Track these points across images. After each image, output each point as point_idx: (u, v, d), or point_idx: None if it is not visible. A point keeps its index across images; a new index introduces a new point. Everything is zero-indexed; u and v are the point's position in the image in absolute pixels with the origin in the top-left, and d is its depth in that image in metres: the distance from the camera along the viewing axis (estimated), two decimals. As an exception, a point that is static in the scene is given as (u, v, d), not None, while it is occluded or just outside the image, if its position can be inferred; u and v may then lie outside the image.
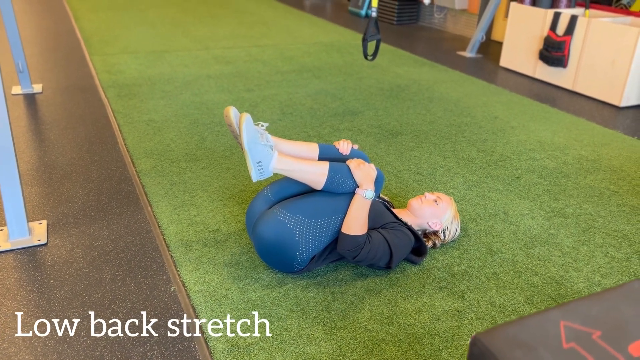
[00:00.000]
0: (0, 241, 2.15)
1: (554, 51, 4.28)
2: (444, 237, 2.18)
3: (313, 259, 1.96)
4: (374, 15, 3.37)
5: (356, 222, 1.89)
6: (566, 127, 3.51)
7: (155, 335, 1.72)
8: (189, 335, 1.73)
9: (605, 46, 3.96)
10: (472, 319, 1.81)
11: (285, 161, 1.90)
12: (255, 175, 1.87)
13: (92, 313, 1.80)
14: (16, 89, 3.88)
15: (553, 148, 3.18)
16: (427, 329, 1.76)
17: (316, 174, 1.91)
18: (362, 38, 3.39)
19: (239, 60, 4.87)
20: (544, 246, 2.23)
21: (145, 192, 2.56)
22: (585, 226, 2.38)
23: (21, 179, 2.19)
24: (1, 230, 2.23)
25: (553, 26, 4.30)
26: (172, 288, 1.94)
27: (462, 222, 2.38)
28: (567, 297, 1.95)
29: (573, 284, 2.00)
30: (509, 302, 1.90)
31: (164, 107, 3.65)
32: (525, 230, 2.34)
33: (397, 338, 1.72)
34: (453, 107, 3.82)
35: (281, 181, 2.06)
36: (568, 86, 4.31)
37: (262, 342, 1.69)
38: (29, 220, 2.32)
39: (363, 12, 7.14)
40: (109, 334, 1.71)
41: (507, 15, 5.49)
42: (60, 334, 1.71)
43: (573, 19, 4.15)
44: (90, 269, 2.02)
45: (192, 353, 1.65)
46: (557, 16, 4.27)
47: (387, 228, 2.00)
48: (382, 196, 2.31)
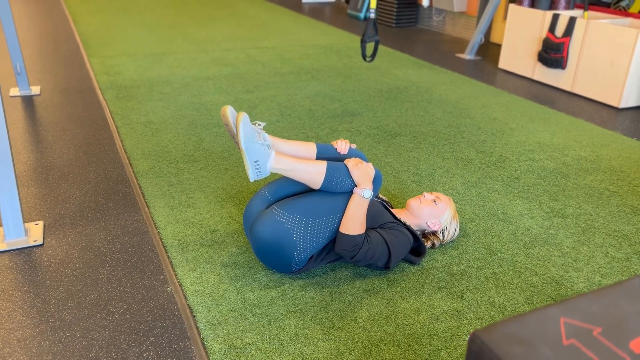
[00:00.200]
0: (-4, 242, 2.14)
1: (553, 53, 4.28)
2: (443, 238, 2.16)
3: (311, 259, 1.95)
4: (373, 16, 3.37)
5: (354, 222, 1.88)
6: (565, 128, 3.50)
7: (151, 335, 1.70)
8: (185, 335, 1.71)
9: (604, 47, 3.95)
10: (472, 319, 1.79)
11: (282, 160, 1.89)
12: (252, 174, 1.86)
13: (88, 313, 1.78)
14: (14, 91, 3.87)
15: (552, 149, 3.17)
16: (426, 329, 1.75)
17: (314, 173, 1.90)
18: (361, 39, 3.39)
19: (238, 62, 4.86)
20: (544, 246, 2.21)
21: (142, 193, 2.54)
22: (585, 226, 2.36)
23: (17, 180, 2.18)
24: (-3, 231, 2.21)
25: (552, 28, 4.30)
26: (169, 288, 1.92)
27: (461, 223, 2.36)
28: (567, 297, 1.93)
29: (573, 284, 1.99)
30: (509, 302, 1.88)
31: (162, 109, 3.64)
32: (524, 230, 2.32)
33: (396, 338, 1.71)
34: (452, 109, 3.81)
35: (279, 181, 2.04)
36: (567, 88, 4.31)
37: (260, 343, 1.67)
38: (25, 221, 2.31)
39: (362, 15, 7.14)
40: (105, 335, 1.70)
41: (506, 17, 5.49)
42: (55, 335, 1.69)
43: (572, 21, 4.15)
44: (86, 270, 2.01)
45: (189, 354, 1.64)
46: (556, 18, 4.27)
47: (386, 228, 1.99)
48: (381, 196, 2.30)
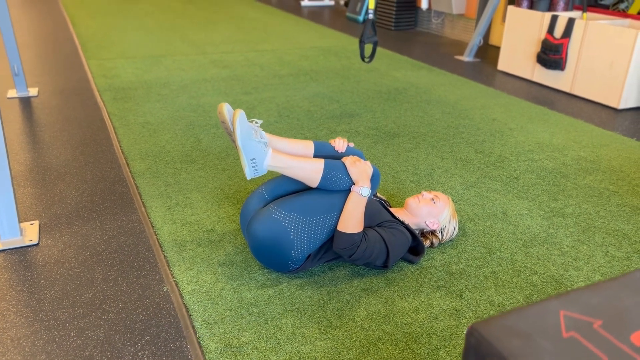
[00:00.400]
0: (-9, 241, 2.13)
1: (552, 54, 4.27)
2: (442, 237, 2.15)
3: (309, 258, 1.93)
4: (371, 17, 3.37)
5: (352, 220, 1.86)
6: (565, 129, 3.49)
7: (146, 335, 1.68)
8: (181, 334, 1.69)
9: (603, 48, 3.95)
10: (471, 318, 1.77)
11: (280, 158, 1.87)
12: (249, 172, 1.84)
13: (83, 313, 1.76)
14: (12, 93, 3.86)
15: (552, 149, 3.16)
16: (425, 328, 1.73)
17: (311, 171, 1.88)
18: (359, 40, 3.38)
19: (237, 64, 4.85)
20: (543, 245, 2.19)
21: (139, 193, 2.53)
22: (584, 226, 2.35)
23: (13, 180, 2.16)
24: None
25: (550, 29, 4.29)
26: (165, 288, 1.90)
27: (460, 222, 2.35)
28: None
29: (573, 283, 1.97)
30: (508, 301, 1.86)
31: (160, 110, 3.62)
32: (524, 229, 2.30)
33: (394, 337, 1.69)
34: (451, 110, 3.80)
35: (276, 179, 2.03)
36: (566, 89, 4.30)
37: (256, 342, 1.65)
38: (21, 220, 2.29)
39: (361, 18, 7.14)
40: (100, 334, 1.68)
41: (505, 19, 5.49)
42: (49, 334, 1.67)
43: (570, 22, 4.14)
44: (81, 269, 1.99)
45: (184, 353, 1.62)
46: (555, 19, 4.26)
47: (384, 227, 1.97)
48: (379, 195, 2.28)
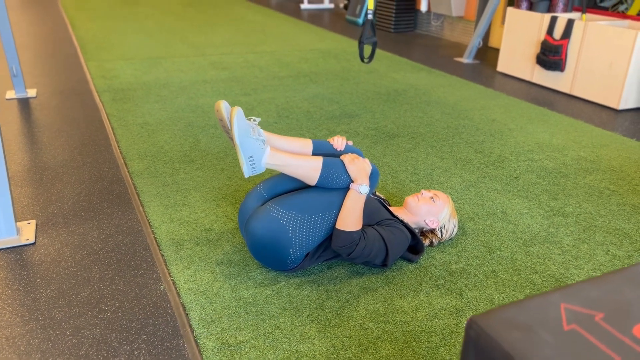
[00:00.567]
0: (-13, 241, 2.11)
1: (551, 55, 4.26)
2: (441, 236, 2.13)
3: (307, 257, 1.91)
4: (370, 17, 3.36)
5: (351, 218, 1.85)
6: (564, 129, 3.48)
7: (143, 333, 1.66)
8: (178, 333, 1.67)
9: (602, 49, 3.94)
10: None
11: (278, 156, 1.86)
12: (247, 170, 1.83)
13: (79, 311, 1.75)
14: (10, 94, 3.85)
15: (551, 149, 3.15)
16: (424, 327, 1.71)
17: (310, 169, 1.87)
18: (359, 41, 3.37)
19: (236, 66, 4.85)
20: (544, 244, 2.18)
21: (137, 193, 2.51)
22: (585, 225, 2.33)
23: (10, 179, 2.15)
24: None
25: (550, 30, 4.29)
26: (162, 286, 1.88)
27: (460, 221, 2.33)
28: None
29: (574, 282, 1.94)
30: (508, 300, 1.84)
31: (159, 111, 3.61)
32: (524, 228, 2.29)
33: (393, 336, 1.67)
34: (450, 110, 3.79)
35: (274, 178, 2.01)
36: (566, 90, 4.29)
37: (254, 340, 1.63)
38: (18, 220, 2.27)
39: (360, 21, 7.13)
40: (95, 333, 1.66)
41: (504, 21, 5.48)
42: (44, 333, 1.65)
43: (570, 23, 4.14)
44: (78, 268, 1.97)
45: (181, 351, 1.60)
46: (554, 20, 4.26)
47: (383, 225, 1.96)
48: (378, 194, 2.26)
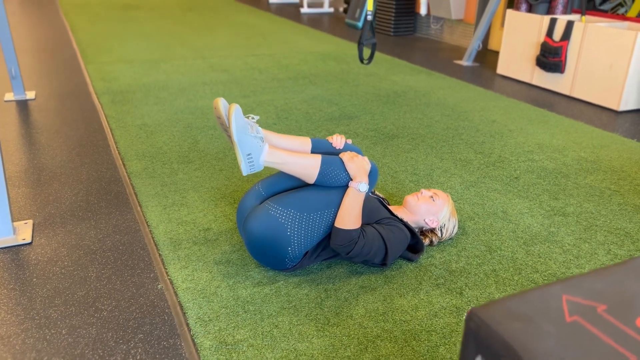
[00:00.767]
0: (-17, 240, 2.09)
1: (551, 57, 4.26)
2: (441, 235, 2.11)
3: (306, 255, 1.90)
4: (370, 18, 3.35)
5: (350, 216, 1.83)
6: (565, 130, 3.47)
7: (139, 332, 1.65)
8: (175, 332, 1.65)
9: (602, 50, 3.93)
10: (471, 316, 1.74)
11: (276, 154, 1.84)
12: (245, 168, 1.81)
13: (75, 311, 1.73)
14: (9, 96, 3.84)
15: (552, 150, 3.13)
16: (424, 326, 1.69)
17: (308, 167, 1.85)
18: (358, 42, 3.37)
19: (235, 68, 4.84)
20: (545, 244, 2.16)
21: (135, 193, 2.50)
22: (586, 224, 2.31)
23: (7, 179, 2.14)
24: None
25: (549, 32, 4.28)
26: (159, 286, 1.87)
27: (460, 221, 2.31)
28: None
29: (575, 281, 1.93)
30: (509, 299, 1.82)
31: (158, 112, 3.60)
32: (524, 228, 2.27)
33: (393, 334, 1.65)
34: (450, 112, 3.78)
35: (273, 176, 2.00)
36: (566, 92, 4.28)
37: (252, 339, 1.61)
38: (15, 220, 2.26)
39: (360, 24, 7.14)
40: (92, 332, 1.64)
41: (504, 24, 5.48)
42: (40, 332, 1.64)
43: (569, 24, 4.13)
44: (75, 268, 1.95)
45: (178, 350, 1.58)
46: (554, 22, 4.25)
47: (382, 224, 1.94)
48: (377, 193, 2.25)
